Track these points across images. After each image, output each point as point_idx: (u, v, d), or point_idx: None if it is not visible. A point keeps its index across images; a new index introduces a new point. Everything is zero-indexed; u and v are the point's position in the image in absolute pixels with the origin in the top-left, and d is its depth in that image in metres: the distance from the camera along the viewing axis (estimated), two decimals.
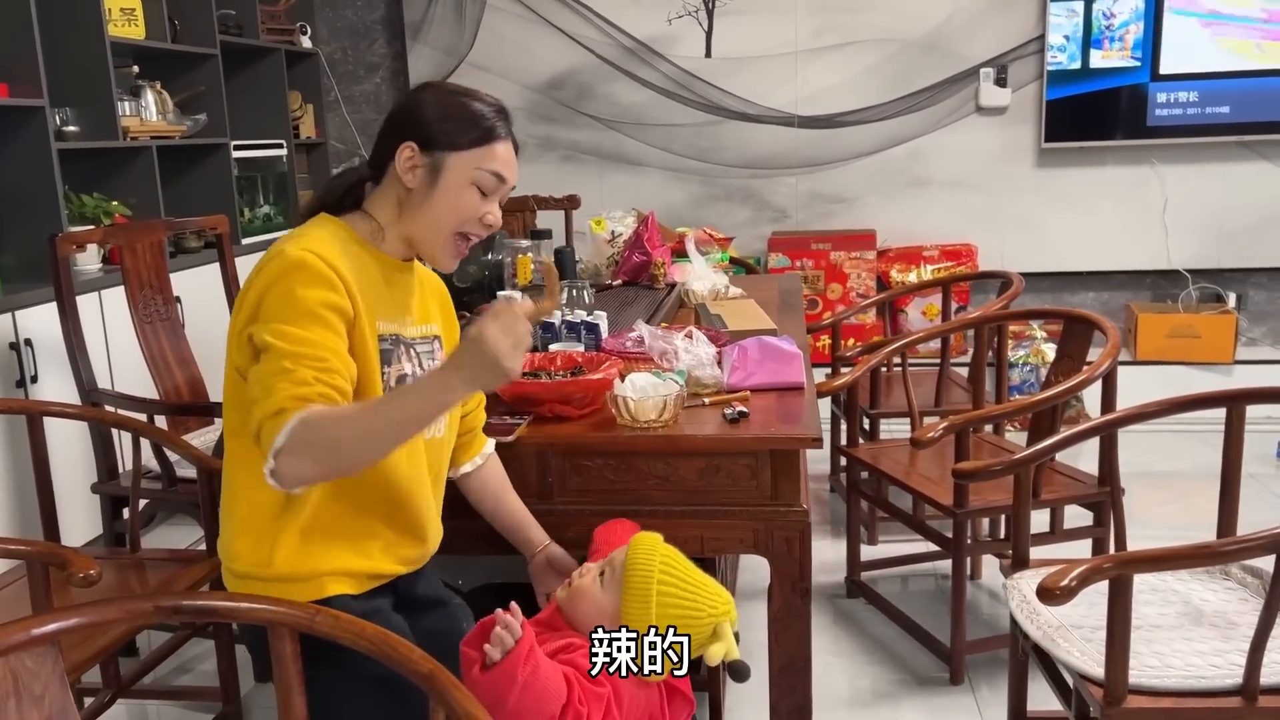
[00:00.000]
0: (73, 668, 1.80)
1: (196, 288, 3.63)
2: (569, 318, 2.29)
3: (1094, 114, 4.57)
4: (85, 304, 3.19)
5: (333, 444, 1.28)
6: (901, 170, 4.81)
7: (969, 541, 2.42)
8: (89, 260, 3.45)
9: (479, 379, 1.27)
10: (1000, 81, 4.67)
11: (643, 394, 1.79)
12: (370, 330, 1.43)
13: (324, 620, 1.21)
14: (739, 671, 1.45)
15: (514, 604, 1.30)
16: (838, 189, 4.87)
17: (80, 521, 3.05)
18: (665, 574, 1.40)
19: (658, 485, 1.80)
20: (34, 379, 3.00)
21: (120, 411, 2.48)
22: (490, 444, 1.76)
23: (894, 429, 3.49)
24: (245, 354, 1.37)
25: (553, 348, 2.16)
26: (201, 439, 2.79)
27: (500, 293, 1.36)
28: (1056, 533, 2.49)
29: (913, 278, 4.67)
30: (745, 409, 1.84)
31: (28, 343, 2.98)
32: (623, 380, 1.84)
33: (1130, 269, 4.78)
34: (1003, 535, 2.86)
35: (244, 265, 3.67)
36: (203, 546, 2.30)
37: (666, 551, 1.45)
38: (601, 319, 2.29)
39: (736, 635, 1.47)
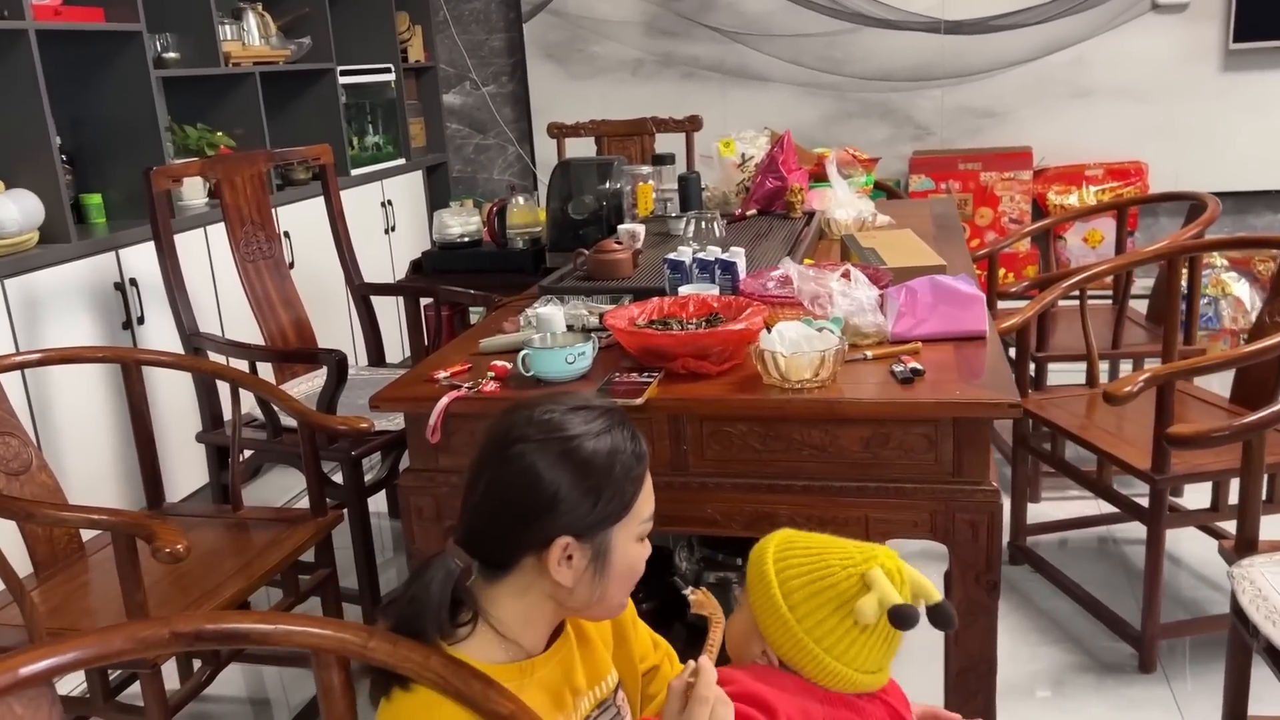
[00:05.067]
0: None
1: (305, 221, 3.48)
2: (700, 254, 2.01)
3: None
4: (190, 241, 3.06)
5: None
6: (1062, 80, 4.31)
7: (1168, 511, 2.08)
8: (195, 195, 3.32)
9: None
10: None
11: (795, 348, 1.51)
12: None
13: (380, 646, 0.98)
14: (904, 618, 1.10)
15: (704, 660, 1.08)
16: (989, 102, 4.41)
17: (189, 470, 2.96)
18: (781, 551, 1.18)
19: (813, 456, 1.52)
20: (140, 320, 2.88)
21: (220, 359, 2.32)
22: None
23: (1057, 375, 3.11)
24: None
25: (683, 290, 1.88)
26: (310, 384, 2.63)
27: (690, 666, 1.11)
28: (1275, 502, 2.12)
29: (1073, 200, 4.20)
30: (919, 365, 1.54)
31: (133, 282, 2.86)
32: (769, 331, 1.56)
33: None
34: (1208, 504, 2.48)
35: (349, 198, 3.51)
36: (305, 501, 2.14)
37: (780, 534, 1.22)
38: (739, 256, 2.00)
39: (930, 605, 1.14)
